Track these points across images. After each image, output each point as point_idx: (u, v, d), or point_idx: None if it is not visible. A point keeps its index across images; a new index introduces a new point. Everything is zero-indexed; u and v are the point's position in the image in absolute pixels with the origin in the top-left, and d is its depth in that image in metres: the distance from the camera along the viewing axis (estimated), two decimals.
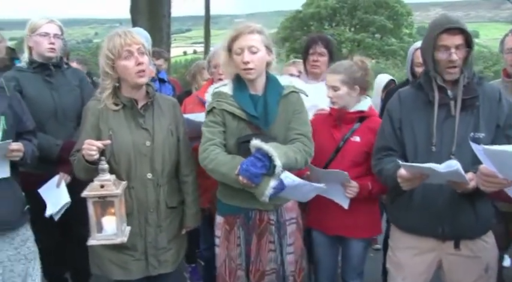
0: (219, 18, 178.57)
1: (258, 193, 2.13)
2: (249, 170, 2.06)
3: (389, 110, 2.29)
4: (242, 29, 2.21)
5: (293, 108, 2.30)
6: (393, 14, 34.66)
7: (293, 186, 2.15)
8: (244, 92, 2.27)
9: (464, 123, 2.09)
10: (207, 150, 2.21)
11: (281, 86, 2.30)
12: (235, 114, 2.23)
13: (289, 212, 2.40)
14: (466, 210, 2.11)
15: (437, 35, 2.07)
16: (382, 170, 2.21)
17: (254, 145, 2.10)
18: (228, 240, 2.36)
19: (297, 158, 2.20)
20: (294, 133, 2.28)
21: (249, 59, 2.18)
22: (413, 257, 2.25)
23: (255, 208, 2.30)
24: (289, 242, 2.39)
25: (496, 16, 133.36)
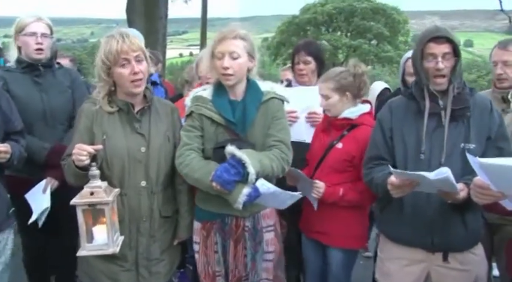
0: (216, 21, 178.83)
1: (231, 200, 2.11)
2: (222, 176, 2.05)
3: (380, 120, 2.29)
4: (226, 34, 2.19)
5: (272, 115, 2.27)
6: (390, 21, 34.84)
7: (269, 194, 2.14)
8: (224, 97, 2.25)
9: (455, 133, 2.08)
10: (182, 155, 2.19)
11: (261, 92, 2.27)
12: (213, 119, 2.21)
13: (266, 219, 2.37)
14: (456, 222, 2.09)
15: (425, 43, 2.09)
16: (373, 178, 2.20)
17: (228, 151, 2.08)
18: (205, 246, 2.33)
19: (272, 166, 2.17)
20: (272, 140, 2.24)
21: (229, 65, 2.16)
22: (402, 267, 2.23)
23: (231, 214, 2.27)
24: (266, 249, 2.35)
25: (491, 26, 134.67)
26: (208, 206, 2.29)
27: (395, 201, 2.16)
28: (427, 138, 2.11)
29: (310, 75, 3.09)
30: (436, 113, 2.11)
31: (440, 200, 2.04)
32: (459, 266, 2.14)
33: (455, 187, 1.87)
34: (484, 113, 2.11)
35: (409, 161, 2.13)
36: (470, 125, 2.09)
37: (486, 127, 2.09)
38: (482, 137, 2.08)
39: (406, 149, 2.16)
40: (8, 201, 2.32)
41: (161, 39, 8.98)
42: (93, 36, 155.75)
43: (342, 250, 2.59)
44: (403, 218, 2.17)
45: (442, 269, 2.16)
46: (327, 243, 2.61)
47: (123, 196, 2.17)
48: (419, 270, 2.20)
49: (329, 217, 2.53)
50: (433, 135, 2.11)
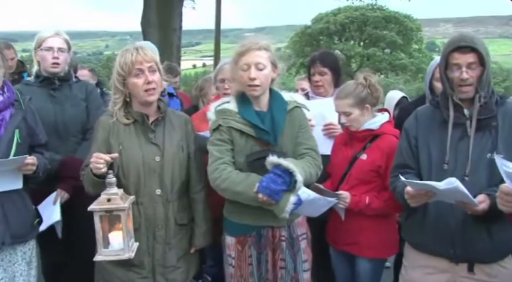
0: (229, 32, 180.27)
1: (278, 210, 2.10)
2: (269, 187, 2.04)
3: (406, 128, 2.27)
4: (249, 45, 2.20)
5: (299, 123, 2.29)
6: (403, 29, 34.76)
7: (309, 201, 2.15)
8: (250, 109, 2.25)
9: (480, 143, 2.04)
10: (217, 170, 2.17)
11: (285, 102, 2.29)
12: (243, 131, 2.21)
13: (300, 227, 2.37)
14: (480, 233, 2.04)
15: (449, 53, 2.06)
16: (396, 187, 2.19)
17: (271, 162, 2.08)
18: (240, 260, 2.31)
19: (311, 172, 2.19)
20: (303, 148, 2.26)
21: (255, 76, 2.17)
22: (426, 275, 2.19)
23: (267, 225, 2.26)
24: (304, 258, 2.35)
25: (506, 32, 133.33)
26: (243, 219, 2.28)
27: (420, 210, 2.14)
28: (452, 148, 2.07)
29: (327, 86, 3.08)
30: (461, 123, 2.08)
31: (463, 211, 2.00)
32: (486, 278, 2.09)
33: (469, 198, 1.84)
34: None
35: (433, 171, 2.11)
36: (498, 134, 2.04)
37: None
38: (510, 146, 2.02)
39: (431, 159, 2.14)
40: (33, 212, 2.39)
41: (176, 51, 9.06)
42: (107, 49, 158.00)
43: (371, 259, 2.58)
44: (426, 227, 2.14)
45: (467, 280, 2.11)
46: (356, 254, 2.59)
47: (139, 205, 2.22)
48: (444, 280, 2.16)
49: (357, 227, 2.52)
50: (458, 146, 2.07)
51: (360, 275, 2.62)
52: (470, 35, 2.10)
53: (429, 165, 2.13)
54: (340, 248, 2.65)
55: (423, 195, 1.96)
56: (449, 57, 2.06)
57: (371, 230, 2.52)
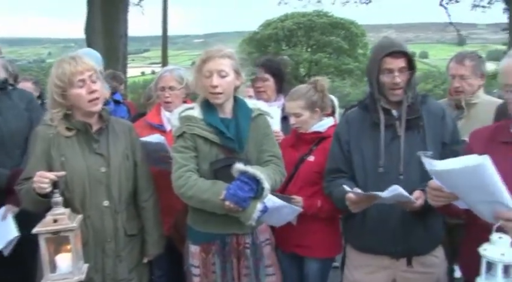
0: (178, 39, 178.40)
1: (245, 217, 2.11)
2: (237, 194, 2.05)
3: (338, 133, 2.34)
4: (213, 53, 2.21)
5: (263, 131, 2.32)
6: (348, 34, 35.71)
7: (274, 208, 2.18)
8: (215, 116, 2.25)
9: (411, 142, 2.14)
10: (183, 177, 2.16)
11: (250, 109, 2.31)
12: (207, 138, 2.20)
13: (263, 233, 2.39)
14: (418, 227, 2.16)
15: (382, 58, 2.14)
16: (332, 192, 2.25)
17: (238, 169, 2.09)
18: (205, 268, 2.30)
19: (276, 179, 2.22)
20: (267, 155, 2.29)
21: (218, 83, 2.17)
22: (368, 275, 2.28)
23: (231, 233, 2.26)
24: (267, 263, 2.36)
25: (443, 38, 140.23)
26: (207, 227, 2.26)
27: (359, 213, 2.19)
28: (385, 149, 2.16)
29: (269, 92, 3.16)
30: (391, 124, 2.18)
31: (402, 210, 2.10)
32: (422, 268, 2.21)
33: (410, 198, 1.94)
34: (437, 120, 2.19)
35: (368, 173, 2.19)
36: (425, 132, 2.16)
37: (440, 133, 2.17)
38: (437, 143, 2.15)
39: (365, 162, 2.22)
40: None
41: (122, 58, 8.90)
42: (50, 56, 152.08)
43: (319, 260, 2.64)
44: (367, 227, 2.22)
45: (407, 274, 2.22)
46: (305, 255, 2.64)
47: (86, 218, 2.14)
48: (385, 277, 2.26)
49: (305, 230, 2.57)
50: (390, 147, 2.16)
51: (309, 276, 2.67)
52: (399, 40, 2.21)
53: (364, 167, 2.21)
54: (289, 250, 2.69)
55: (365, 201, 2.03)
56: (381, 62, 2.15)
57: (318, 230, 2.59)
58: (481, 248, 1.58)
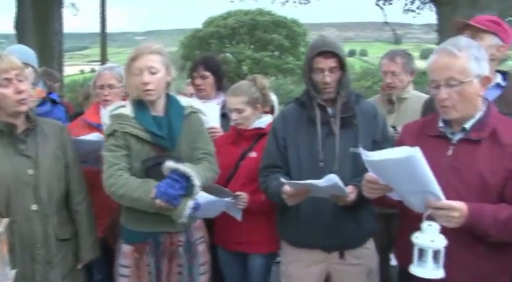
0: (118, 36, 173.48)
1: (176, 215, 2.10)
2: (167, 192, 2.03)
3: (274, 128, 2.37)
4: (141, 50, 2.18)
5: (196, 128, 2.30)
6: (290, 33, 36.17)
7: (206, 204, 2.18)
8: (146, 114, 2.21)
9: (345, 139, 2.21)
10: (113, 176, 2.11)
11: (182, 107, 2.29)
12: (138, 136, 2.16)
13: (197, 231, 2.38)
14: (350, 221, 2.23)
15: (313, 57, 2.20)
16: (268, 187, 2.28)
17: (169, 167, 2.07)
18: (138, 269, 2.25)
19: (207, 177, 2.22)
20: (200, 153, 2.28)
21: (149, 80, 2.14)
22: (303, 269, 2.33)
23: (164, 231, 2.24)
24: (201, 261, 2.36)
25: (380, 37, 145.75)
26: (140, 226, 2.23)
27: (293, 206, 2.24)
28: (321, 146, 2.22)
29: (209, 89, 3.16)
30: (326, 121, 2.24)
31: (334, 204, 2.16)
32: (354, 261, 2.28)
33: (344, 191, 2.01)
34: (369, 118, 2.27)
35: (304, 169, 2.23)
36: (359, 130, 2.23)
37: (371, 131, 2.25)
38: (368, 140, 2.23)
39: (300, 157, 2.26)
40: None
41: (57, 56, 8.54)
42: None
43: (263, 256, 2.66)
44: (300, 222, 2.27)
45: (339, 266, 2.29)
46: (248, 252, 2.65)
47: (11, 223, 2.02)
48: (319, 270, 2.32)
49: (248, 225, 2.57)
50: (325, 143, 2.22)
51: (253, 272, 2.69)
52: (332, 40, 2.26)
53: (299, 163, 2.26)
54: (232, 248, 2.69)
55: (302, 194, 2.08)
56: (312, 61, 2.20)
57: (262, 226, 2.60)
58: (413, 236, 1.67)
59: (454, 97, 1.76)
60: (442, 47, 1.81)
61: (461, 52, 1.74)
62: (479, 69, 1.76)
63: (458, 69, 1.74)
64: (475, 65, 1.75)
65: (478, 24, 2.24)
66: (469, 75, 1.74)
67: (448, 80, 1.75)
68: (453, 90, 1.75)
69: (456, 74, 1.73)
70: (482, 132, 1.79)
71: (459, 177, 1.78)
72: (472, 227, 1.67)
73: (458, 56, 1.74)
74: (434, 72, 1.80)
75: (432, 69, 1.81)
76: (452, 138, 1.85)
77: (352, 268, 2.29)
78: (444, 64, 1.76)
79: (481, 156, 1.77)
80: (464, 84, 1.74)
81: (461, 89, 1.74)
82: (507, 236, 1.70)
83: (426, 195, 1.65)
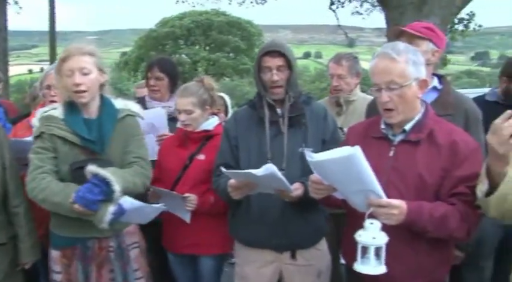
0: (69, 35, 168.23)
1: (96, 220, 2.05)
2: (85, 197, 1.99)
3: (226, 129, 2.41)
4: (72, 51, 2.14)
5: (130, 132, 2.27)
6: (246, 34, 36.28)
7: (133, 210, 2.13)
8: (77, 116, 2.17)
9: (293, 139, 2.26)
10: (36, 179, 2.06)
11: (116, 109, 2.25)
12: (66, 139, 2.12)
13: (130, 236, 2.34)
14: (299, 221, 2.27)
15: (261, 57, 2.26)
16: (219, 185, 2.31)
17: (90, 171, 2.02)
18: (69, 274, 2.20)
19: (135, 182, 2.17)
20: (132, 156, 2.24)
21: (80, 81, 2.10)
22: (256, 269, 2.35)
23: (92, 236, 2.19)
24: (134, 267, 2.32)
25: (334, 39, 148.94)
26: (66, 231, 2.17)
27: (243, 206, 2.28)
28: (270, 144, 2.26)
29: (163, 91, 3.13)
30: (275, 121, 2.28)
31: (283, 203, 2.20)
32: (305, 262, 2.32)
33: (285, 184, 2.03)
34: (319, 119, 2.32)
35: (253, 167, 2.25)
36: (307, 130, 2.28)
37: (321, 132, 2.30)
38: (318, 140, 2.28)
39: (250, 156, 2.29)
40: None
41: (2, 54, 8.17)
42: None
43: (213, 257, 2.66)
44: (251, 222, 2.30)
45: (291, 267, 2.32)
46: (199, 253, 2.63)
47: None
48: (272, 270, 2.34)
49: (198, 227, 2.56)
50: (274, 142, 2.26)
51: (204, 274, 2.68)
52: (279, 41, 2.33)
53: (249, 162, 2.28)
54: (181, 251, 2.67)
55: (245, 186, 2.11)
56: (261, 61, 2.26)
57: (211, 227, 2.60)
58: (356, 234, 1.72)
59: (395, 100, 1.83)
60: (381, 51, 1.88)
61: (399, 56, 1.82)
62: (417, 73, 1.84)
63: (398, 73, 1.81)
64: (413, 69, 1.83)
65: (413, 30, 2.32)
66: (408, 78, 1.81)
67: (388, 83, 1.82)
68: (394, 93, 1.82)
69: (396, 77, 1.81)
70: (421, 134, 1.87)
71: (400, 177, 1.85)
72: (411, 224, 1.74)
73: (397, 60, 1.81)
74: (375, 76, 1.86)
75: (373, 73, 1.88)
76: (393, 140, 1.92)
77: (301, 269, 2.33)
78: (384, 68, 1.83)
79: (419, 156, 1.85)
80: (404, 88, 1.81)
81: (402, 92, 1.82)
82: (443, 232, 1.78)
83: (368, 194, 1.71)
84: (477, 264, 3.34)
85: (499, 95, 3.36)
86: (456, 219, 1.76)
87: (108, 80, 2.28)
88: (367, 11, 14.91)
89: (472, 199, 1.77)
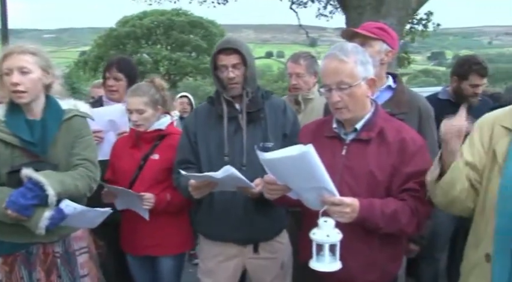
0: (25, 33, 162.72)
1: (31, 226, 1.98)
2: (18, 202, 1.92)
3: (186, 125, 2.41)
4: (12, 49, 2.06)
5: (76, 133, 2.20)
6: (207, 34, 36.08)
7: (76, 214, 2.07)
8: (19, 117, 2.10)
9: (253, 134, 2.27)
10: None
11: (62, 110, 2.19)
12: (6, 141, 2.04)
13: (78, 241, 2.29)
14: (261, 214, 2.28)
15: (216, 55, 2.27)
16: (180, 182, 2.30)
17: (24, 174, 1.95)
18: (11, 281, 2.12)
19: (77, 185, 2.11)
20: (77, 159, 2.18)
21: (18, 81, 2.03)
22: (219, 264, 2.36)
23: (37, 242, 2.12)
24: (82, 273, 2.26)
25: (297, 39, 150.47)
26: (7, 236, 2.08)
27: (206, 202, 2.28)
28: (229, 141, 2.26)
29: (121, 92, 3.07)
30: (234, 116, 2.29)
31: (245, 198, 2.21)
32: (268, 254, 2.35)
33: (246, 182, 2.04)
34: (278, 113, 2.34)
35: (213, 163, 2.26)
36: (267, 125, 2.30)
37: (281, 125, 2.32)
38: (278, 134, 2.30)
39: (210, 152, 2.30)
40: None
41: None
42: None
43: (172, 257, 2.63)
44: (214, 217, 2.30)
45: (254, 260, 2.34)
46: (157, 254, 2.60)
47: None
48: (235, 264, 2.35)
49: (155, 228, 2.53)
50: (234, 138, 2.27)
51: (163, 275, 2.65)
52: (234, 39, 2.34)
53: (208, 158, 2.30)
54: (140, 253, 2.64)
55: (206, 186, 2.11)
56: (216, 59, 2.27)
57: (169, 226, 2.58)
58: (310, 233, 1.74)
59: (345, 99, 1.86)
60: (330, 53, 1.91)
61: (348, 57, 1.86)
62: (365, 72, 1.88)
63: (347, 73, 1.85)
64: (361, 69, 1.87)
65: (366, 31, 2.37)
66: (357, 78, 1.86)
67: (338, 83, 1.85)
68: (344, 93, 1.86)
69: (345, 78, 1.84)
70: (371, 132, 1.91)
71: (352, 175, 1.89)
72: (363, 221, 1.78)
73: (346, 61, 1.85)
74: (325, 77, 1.90)
75: (323, 74, 1.91)
76: (345, 139, 1.96)
77: (265, 262, 2.35)
78: (334, 69, 1.86)
79: (370, 154, 1.89)
80: (353, 87, 1.85)
81: (351, 92, 1.86)
82: (394, 227, 1.83)
83: (321, 192, 1.73)
84: (433, 257, 3.47)
85: (450, 93, 3.49)
86: (406, 214, 1.81)
87: (57, 81, 2.21)
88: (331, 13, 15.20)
89: (421, 194, 1.84)
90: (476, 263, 1.69)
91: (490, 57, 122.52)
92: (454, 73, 3.46)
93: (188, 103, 5.75)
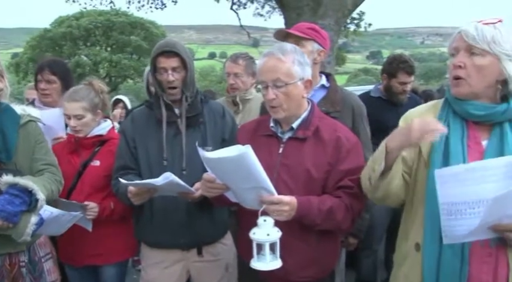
0: None
1: (17, 233, 1.92)
2: (6, 209, 1.86)
3: (124, 130, 2.36)
4: None
5: (34, 138, 2.15)
6: (148, 35, 35.37)
7: (52, 219, 2.05)
8: None
9: (192, 139, 2.26)
10: None
11: (18, 115, 2.11)
12: None
13: (43, 247, 2.23)
14: (203, 218, 2.28)
15: (155, 57, 2.22)
16: (118, 189, 2.25)
17: (6, 181, 1.89)
18: None
19: (52, 189, 2.08)
20: (41, 164, 2.13)
21: None
22: (163, 270, 2.33)
23: (3, 253, 2.05)
24: (49, 279, 2.21)
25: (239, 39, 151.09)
26: None
27: (147, 209, 2.25)
28: (168, 145, 2.24)
29: (55, 95, 2.96)
30: (174, 121, 2.27)
31: (187, 203, 2.19)
32: (212, 257, 2.35)
33: (187, 187, 2.04)
34: (217, 118, 2.35)
35: (153, 168, 2.24)
36: (206, 129, 2.29)
37: (220, 130, 2.33)
38: (217, 139, 2.31)
39: (149, 157, 2.27)
40: None
41: None
42: None
43: (115, 265, 2.58)
44: (155, 223, 2.27)
45: (198, 264, 2.33)
46: (101, 264, 2.53)
47: None
48: (179, 270, 2.33)
49: (98, 236, 2.46)
50: (173, 142, 2.25)
51: None
52: (174, 41, 2.30)
53: (148, 163, 2.27)
54: (82, 264, 2.56)
55: (146, 193, 2.08)
56: (156, 61, 2.23)
57: (112, 234, 2.53)
58: (250, 232, 1.76)
59: (280, 97, 1.89)
60: (269, 51, 1.94)
61: (286, 57, 1.89)
62: (302, 73, 1.92)
63: (284, 71, 1.88)
64: (298, 69, 1.91)
65: (297, 32, 2.42)
66: (294, 77, 1.89)
67: (275, 81, 1.88)
68: (280, 90, 1.89)
69: (282, 76, 1.88)
70: (308, 131, 1.96)
71: (289, 173, 1.92)
72: (301, 218, 1.81)
73: (284, 60, 1.89)
74: (263, 74, 1.93)
75: (261, 72, 1.94)
76: (282, 137, 1.99)
77: (209, 264, 2.35)
78: (271, 67, 1.89)
79: (306, 152, 1.93)
80: (289, 86, 1.89)
81: (287, 90, 1.89)
82: (331, 224, 1.88)
83: (260, 192, 1.75)
84: (371, 248, 3.61)
85: (381, 91, 3.65)
86: (342, 211, 1.87)
87: (7, 86, 2.12)
88: (268, 13, 15.40)
89: (356, 191, 1.89)
90: (407, 253, 1.76)
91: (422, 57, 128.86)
92: (384, 71, 3.63)
93: (123, 107, 5.58)
